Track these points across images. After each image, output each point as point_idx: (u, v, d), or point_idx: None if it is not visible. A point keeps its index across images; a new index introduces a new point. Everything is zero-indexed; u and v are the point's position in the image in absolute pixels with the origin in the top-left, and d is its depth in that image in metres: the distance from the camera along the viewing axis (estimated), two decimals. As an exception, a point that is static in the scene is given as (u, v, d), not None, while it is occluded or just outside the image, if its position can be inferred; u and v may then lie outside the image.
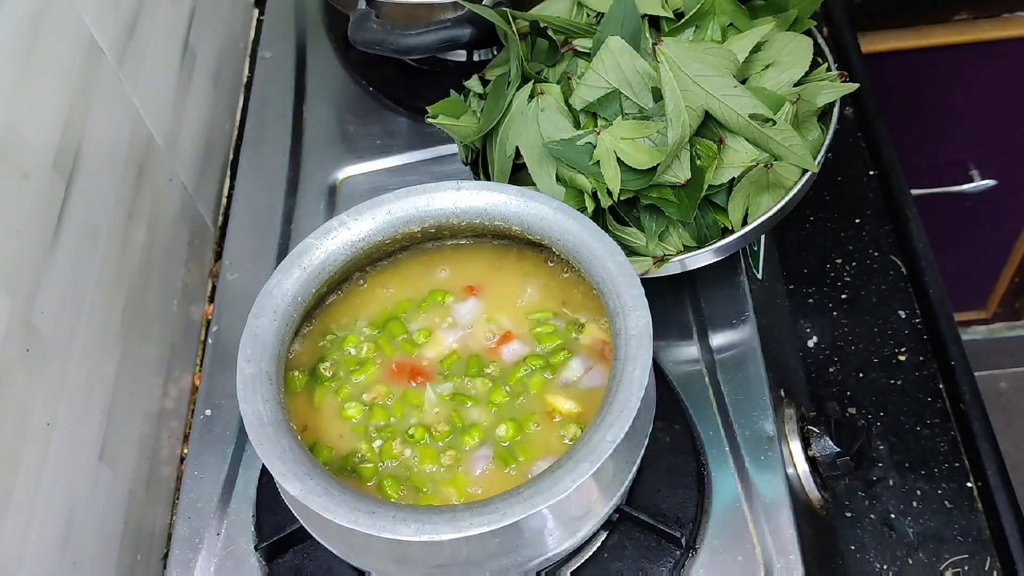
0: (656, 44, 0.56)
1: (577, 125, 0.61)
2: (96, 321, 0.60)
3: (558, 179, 0.61)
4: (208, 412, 0.68)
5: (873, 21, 1.09)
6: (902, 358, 0.76)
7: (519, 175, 0.63)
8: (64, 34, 0.58)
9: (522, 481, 0.48)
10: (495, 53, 0.85)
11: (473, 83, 0.69)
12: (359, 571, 0.58)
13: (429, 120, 0.67)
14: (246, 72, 0.92)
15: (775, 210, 0.60)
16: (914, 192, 0.86)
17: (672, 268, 0.61)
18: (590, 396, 0.55)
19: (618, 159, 0.58)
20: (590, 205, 0.60)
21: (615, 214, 0.62)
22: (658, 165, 0.57)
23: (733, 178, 0.59)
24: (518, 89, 0.62)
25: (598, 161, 0.59)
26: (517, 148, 0.62)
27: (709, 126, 0.59)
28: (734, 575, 0.57)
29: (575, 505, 0.50)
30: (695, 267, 0.61)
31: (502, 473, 0.53)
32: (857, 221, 0.84)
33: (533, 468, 0.52)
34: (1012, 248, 1.41)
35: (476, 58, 0.85)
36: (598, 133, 0.58)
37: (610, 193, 0.59)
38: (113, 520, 0.60)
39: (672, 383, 0.64)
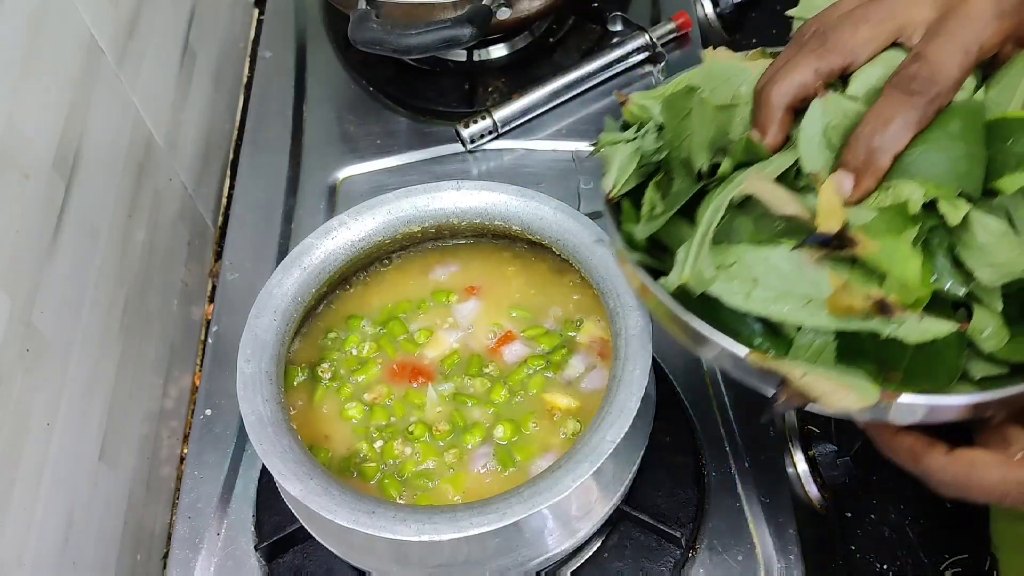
0: None
1: None
2: (96, 321, 0.60)
3: None
4: (208, 412, 0.68)
5: (873, 21, 1.09)
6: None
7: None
8: (64, 34, 0.58)
9: (523, 479, 0.48)
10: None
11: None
12: (359, 571, 0.58)
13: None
14: (246, 72, 0.92)
15: None
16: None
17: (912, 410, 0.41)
18: (590, 395, 0.55)
19: None
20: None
21: None
22: None
23: None
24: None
25: None
26: None
27: None
28: (734, 575, 0.57)
29: (575, 505, 0.50)
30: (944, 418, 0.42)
31: (503, 472, 0.53)
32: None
33: (533, 467, 0.53)
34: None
35: (476, 58, 0.85)
36: None
37: None
38: (113, 520, 0.60)
39: (672, 383, 0.64)
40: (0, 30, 0.51)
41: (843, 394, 0.39)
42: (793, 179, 0.42)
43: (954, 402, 0.40)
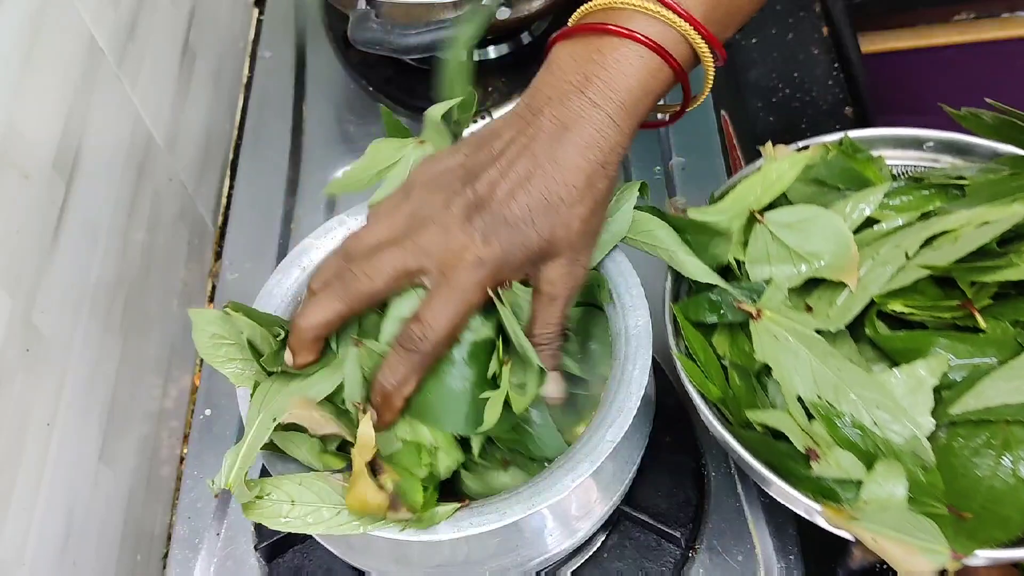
0: None
1: None
2: (96, 321, 0.59)
3: None
4: (208, 412, 0.68)
5: (873, 21, 1.09)
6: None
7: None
8: (64, 34, 0.58)
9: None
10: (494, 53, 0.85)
11: None
12: (359, 571, 0.58)
13: None
14: (246, 72, 0.92)
15: None
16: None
17: None
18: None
19: None
20: None
21: None
22: None
23: None
24: None
25: None
26: None
27: None
28: (734, 575, 0.57)
29: (575, 505, 0.50)
30: None
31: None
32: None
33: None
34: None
35: (476, 58, 0.85)
36: None
37: None
38: (113, 520, 0.60)
39: (672, 383, 0.64)
40: (0, 30, 0.51)
41: (914, 560, 0.42)
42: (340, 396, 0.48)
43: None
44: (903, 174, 0.59)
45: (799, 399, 0.48)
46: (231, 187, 0.83)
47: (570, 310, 0.49)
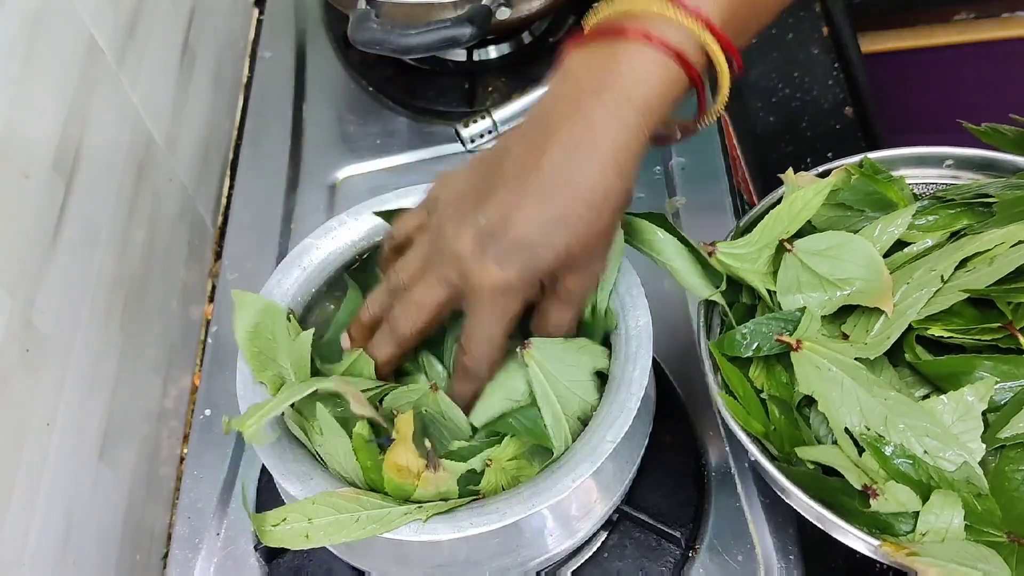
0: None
1: None
2: (96, 321, 0.59)
3: None
4: (208, 412, 0.68)
5: (873, 21, 1.09)
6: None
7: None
8: (64, 34, 0.58)
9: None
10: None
11: None
12: (359, 571, 0.58)
13: None
14: (246, 72, 0.92)
15: None
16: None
17: None
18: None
19: None
20: None
21: None
22: None
23: None
24: None
25: None
26: None
27: None
28: (734, 575, 0.57)
29: (575, 505, 0.50)
30: None
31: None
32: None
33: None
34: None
35: (476, 58, 0.85)
36: None
37: None
38: (113, 520, 0.60)
39: (672, 383, 0.64)
40: (0, 30, 0.51)
41: None
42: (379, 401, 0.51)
43: None
44: (925, 193, 0.58)
45: (846, 430, 0.48)
46: (231, 187, 0.83)
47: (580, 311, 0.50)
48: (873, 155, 0.57)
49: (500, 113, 0.79)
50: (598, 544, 0.58)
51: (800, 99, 0.93)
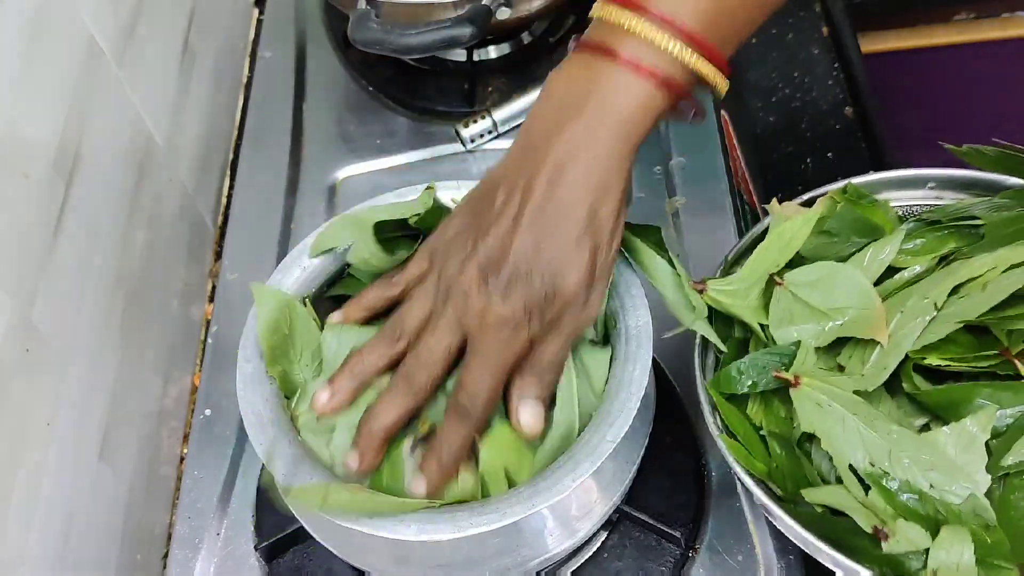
0: None
1: None
2: (96, 321, 0.59)
3: None
4: (208, 412, 0.68)
5: (873, 21, 1.09)
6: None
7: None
8: (64, 34, 0.58)
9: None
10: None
11: None
12: (359, 571, 0.58)
13: None
14: (246, 72, 0.92)
15: None
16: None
17: None
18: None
19: None
20: None
21: None
22: None
23: None
24: None
25: None
26: None
27: None
28: (734, 575, 0.57)
29: (575, 505, 0.50)
30: None
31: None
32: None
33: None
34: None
35: (476, 58, 0.85)
36: None
37: None
38: (113, 520, 0.60)
39: (672, 383, 0.64)
40: (0, 30, 0.51)
41: None
42: None
43: None
44: (909, 215, 0.58)
45: (851, 468, 0.47)
46: (231, 187, 0.83)
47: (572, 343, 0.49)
48: (857, 180, 0.57)
49: (500, 113, 0.79)
50: (598, 544, 0.58)
51: (800, 99, 0.93)
